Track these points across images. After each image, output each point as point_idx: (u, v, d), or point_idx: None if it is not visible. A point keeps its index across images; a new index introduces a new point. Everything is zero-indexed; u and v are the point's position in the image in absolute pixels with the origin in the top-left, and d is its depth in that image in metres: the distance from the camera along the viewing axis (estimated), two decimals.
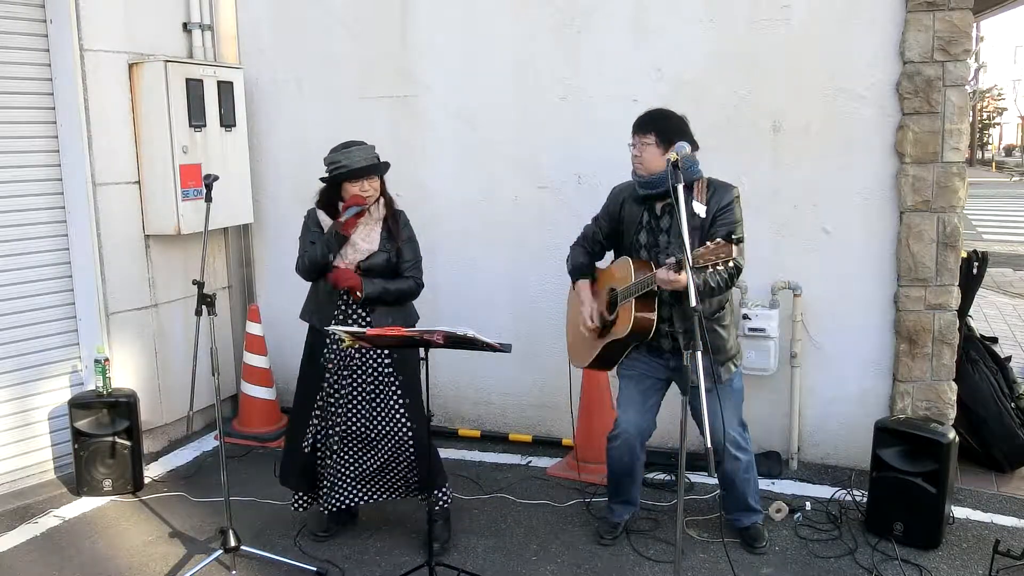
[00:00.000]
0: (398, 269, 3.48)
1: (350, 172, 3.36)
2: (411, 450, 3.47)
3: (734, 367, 3.40)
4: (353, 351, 3.43)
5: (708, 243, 2.80)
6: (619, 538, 3.63)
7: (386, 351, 3.44)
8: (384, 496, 3.59)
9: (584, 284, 3.51)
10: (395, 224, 3.49)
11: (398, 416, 3.45)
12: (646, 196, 3.33)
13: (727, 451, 3.35)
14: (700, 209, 3.22)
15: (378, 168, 3.42)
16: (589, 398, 4.28)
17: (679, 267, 2.94)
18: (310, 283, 3.55)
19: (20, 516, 3.98)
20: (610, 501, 3.69)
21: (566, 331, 3.77)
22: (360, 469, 3.51)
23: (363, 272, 3.41)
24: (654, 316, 3.24)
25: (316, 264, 3.41)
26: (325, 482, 3.50)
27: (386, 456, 3.48)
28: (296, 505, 3.67)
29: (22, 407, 4.28)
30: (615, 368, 3.55)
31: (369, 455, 3.49)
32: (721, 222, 3.22)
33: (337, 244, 3.38)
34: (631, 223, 3.39)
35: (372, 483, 3.56)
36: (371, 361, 3.45)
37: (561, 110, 4.53)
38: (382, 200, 3.47)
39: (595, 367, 3.56)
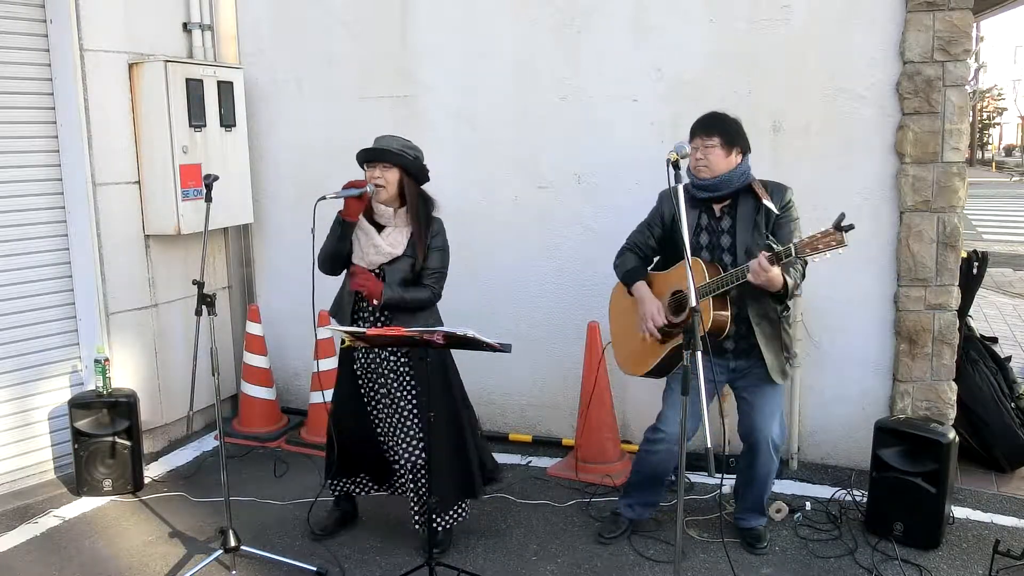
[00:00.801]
0: (420, 274, 3.35)
1: (360, 152, 3.32)
2: (420, 459, 3.41)
3: (791, 367, 3.42)
4: (377, 357, 3.42)
5: (817, 232, 2.84)
6: (619, 537, 3.63)
7: (404, 359, 3.41)
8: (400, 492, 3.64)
9: (643, 285, 3.44)
10: (425, 230, 3.34)
11: (409, 424, 3.44)
12: (706, 198, 3.31)
13: (765, 452, 3.35)
14: (772, 206, 3.26)
15: (384, 155, 3.28)
16: (589, 398, 4.28)
17: (777, 259, 2.95)
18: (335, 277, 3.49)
19: (20, 516, 3.98)
20: (630, 498, 3.65)
21: (612, 339, 3.66)
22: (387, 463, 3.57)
23: (384, 275, 3.34)
24: (729, 314, 3.23)
25: (326, 254, 3.38)
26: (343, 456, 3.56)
27: (402, 461, 3.48)
28: (333, 488, 3.70)
29: (22, 407, 4.28)
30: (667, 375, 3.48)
31: (394, 455, 3.53)
32: (785, 219, 3.27)
33: (341, 229, 3.31)
34: (688, 226, 3.31)
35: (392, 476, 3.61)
36: (393, 366, 3.43)
37: (561, 110, 4.53)
38: (407, 207, 3.34)
39: (652, 375, 3.47)
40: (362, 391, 3.54)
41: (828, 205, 4.14)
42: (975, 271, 4.33)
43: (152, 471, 4.48)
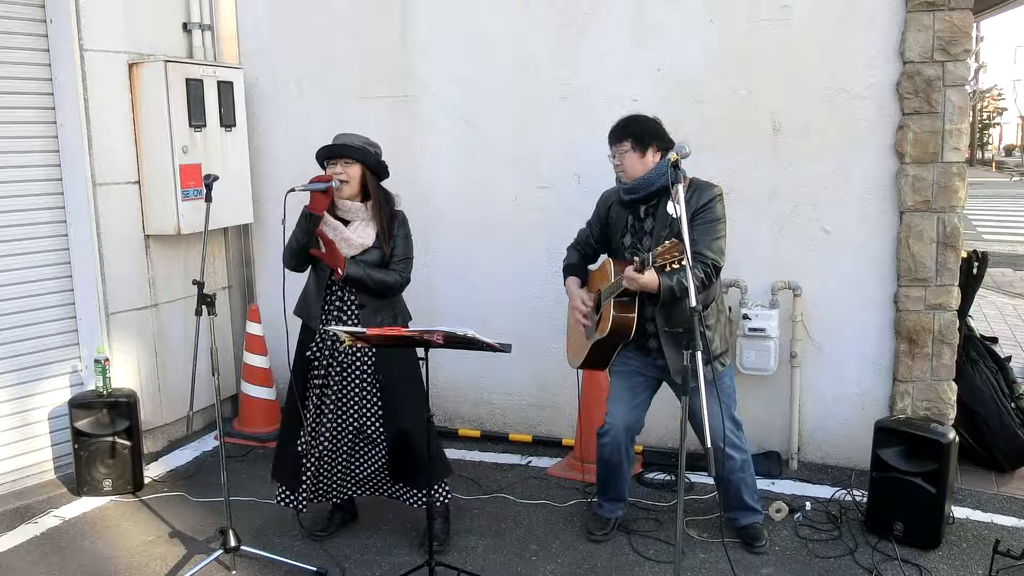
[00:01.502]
0: (387, 263, 3.44)
1: (319, 150, 3.41)
2: (383, 450, 3.45)
3: (721, 366, 3.40)
4: (341, 349, 3.42)
5: (664, 243, 2.80)
6: (610, 534, 3.64)
7: (371, 351, 3.43)
8: (373, 492, 3.59)
9: (573, 280, 3.61)
10: (391, 222, 3.45)
11: (372, 417, 3.45)
12: (630, 200, 3.38)
13: (720, 452, 3.33)
14: (673, 209, 3.18)
15: (341, 150, 3.37)
16: (589, 398, 4.28)
17: (642, 266, 2.98)
18: (299, 274, 3.50)
19: (20, 516, 3.98)
20: (600, 497, 3.70)
21: (566, 333, 3.78)
22: (347, 466, 3.52)
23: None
24: (634, 316, 3.27)
25: (292, 250, 3.40)
26: (308, 475, 3.48)
27: (365, 454, 3.49)
28: (281, 500, 3.63)
29: (22, 407, 4.28)
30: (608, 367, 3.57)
31: (356, 452, 3.50)
32: (700, 220, 3.22)
33: (308, 223, 3.33)
34: (617, 226, 3.46)
35: (361, 480, 3.56)
36: (356, 360, 3.45)
37: (561, 110, 4.53)
38: (371, 201, 3.41)
39: (589, 367, 3.58)
40: (315, 388, 3.49)
41: (828, 205, 4.16)
42: (975, 271, 4.33)
43: (152, 471, 4.48)
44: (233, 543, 3.35)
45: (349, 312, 3.43)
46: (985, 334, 4.81)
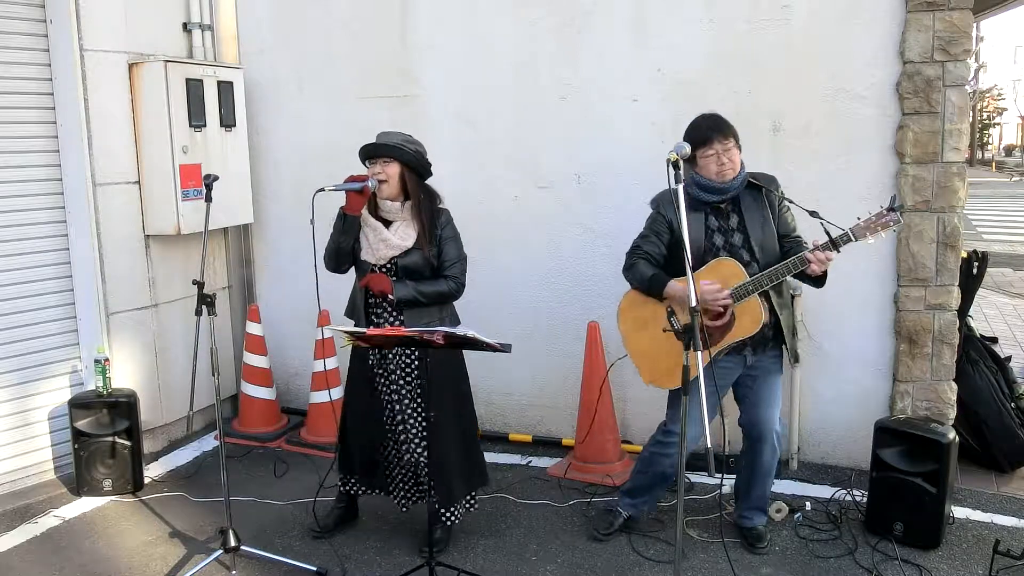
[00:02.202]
0: (438, 268, 3.39)
1: (361, 149, 3.34)
2: (423, 457, 3.43)
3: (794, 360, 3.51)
4: (388, 354, 3.42)
5: (871, 215, 2.97)
6: (613, 534, 3.64)
7: (415, 356, 3.42)
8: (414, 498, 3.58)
9: (676, 281, 3.26)
10: (433, 223, 3.36)
11: (412, 421, 3.45)
12: (713, 200, 3.28)
13: (770, 442, 3.35)
14: (775, 194, 3.33)
15: (383, 149, 3.30)
16: (589, 398, 4.28)
17: (835, 245, 3.07)
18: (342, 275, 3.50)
19: (20, 516, 3.98)
20: (633, 498, 3.65)
21: (635, 357, 3.45)
22: (402, 466, 3.54)
23: (398, 271, 3.35)
24: (767, 306, 3.25)
25: (330, 251, 3.40)
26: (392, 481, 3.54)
27: (405, 457, 3.50)
28: (345, 487, 3.66)
29: (22, 407, 4.28)
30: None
31: (394, 452, 3.52)
32: (784, 207, 3.36)
33: (343, 224, 3.31)
34: (695, 230, 3.26)
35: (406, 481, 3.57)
36: (403, 364, 3.44)
37: (561, 110, 4.53)
38: (412, 201, 3.36)
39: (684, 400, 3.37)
40: (376, 387, 3.52)
41: (828, 205, 4.14)
42: (975, 271, 4.33)
43: (152, 471, 4.47)
44: (233, 543, 3.35)
45: (393, 313, 3.41)
46: (985, 334, 4.81)
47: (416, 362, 3.43)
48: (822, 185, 4.13)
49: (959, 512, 3.81)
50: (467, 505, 3.58)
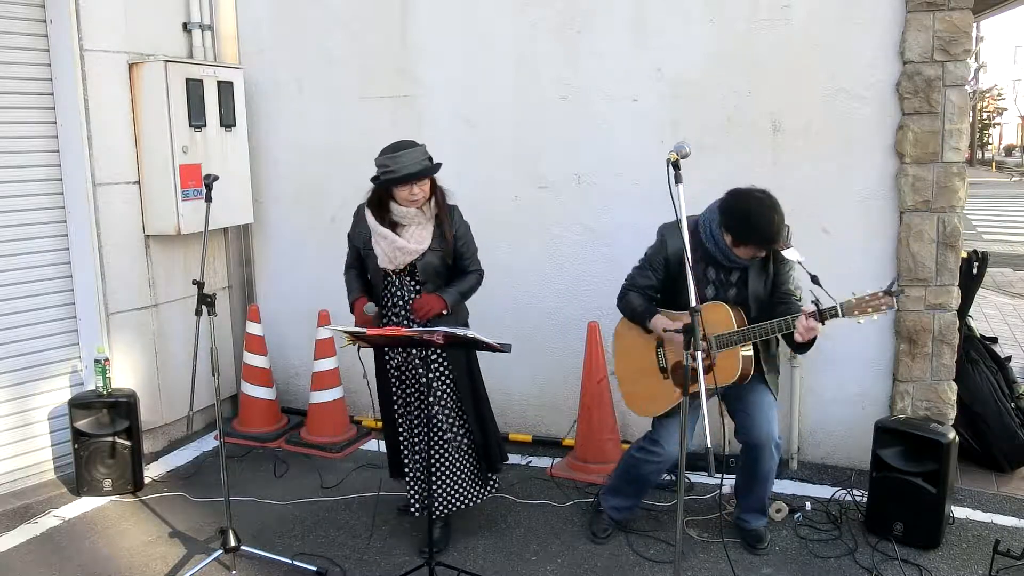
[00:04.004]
0: (455, 266, 3.45)
1: (398, 178, 3.23)
2: (465, 439, 3.54)
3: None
4: (413, 353, 3.44)
5: (866, 295, 2.95)
6: (612, 536, 3.64)
7: (441, 354, 3.46)
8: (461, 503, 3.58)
9: (662, 316, 3.30)
10: (449, 220, 3.40)
11: (451, 408, 3.50)
12: (722, 263, 3.25)
13: (768, 449, 3.36)
14: (794, 255, 3.19)
15: (428, 171, 3.31)
16: (589, 398, 4.28)
17: (822, 317, 2.99)
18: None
19: (20, 516, 3.98)
20: (615, 499, 3.68)
21: (620, 380, 3.56)
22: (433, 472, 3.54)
23: (416, 273, 3.39)
24: (753, 359, 3.24)
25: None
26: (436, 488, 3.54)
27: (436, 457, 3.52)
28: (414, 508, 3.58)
29: (22, 407, 4.28)
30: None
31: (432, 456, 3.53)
32: (785, 266, 3.28)
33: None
34: (694, 278, 3.22)
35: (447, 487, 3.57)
36: (426, 358, 3.45)
37: (561, 110, 4.53)
38: (434, 199, 3.39)
39: (672, 414, 3.35)
40: (393, 389, 3.55)
41: (828, 205, 4.16)
42: (975, 271, 4.33)
43: (152, 471, 4.47)
44: (233, 543, 3.35)
45: (407, 308, 3.43)
46: (985, 334, 4.81)
47: (438, 356, 3.48)
48: (822, 185, 4.13)
49: (959, 512, 3.81)
50: (493, 486, 3.71)
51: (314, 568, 3.37)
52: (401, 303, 3.43)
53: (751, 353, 3.24)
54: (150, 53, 4.53)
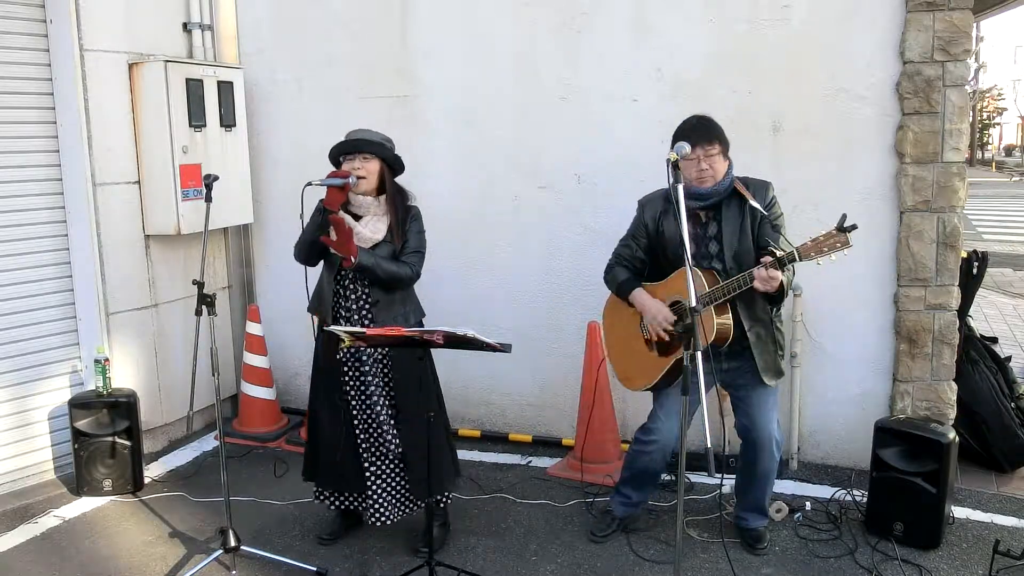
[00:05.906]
0: (399, 255, 3.42)
1: (338, 145, 3.39)
2: (398, 451, 3.45)
3: (791, 366, 3.45)
4: (363, 355, 3.41)
5: (819, 235, 2.90)
6: (611, 535, 3.64)
7: (384, 358, 3.42)
8: (407, 509, 3.54)
9: (641, 291, 3.34)
10: (404, 218, 3.42)
11: (384, 416, 3.44)
12: (694, 207, 3.22)
13: (768, 449, 3.35)
14: (758, 205, 3.21)
15: (361, 145, 3.37)
16: (589, 397, 4.28)
17: (780, 264, 2.96)
18: (310, 268, 3.47)
19: (20, 516, 3.98)
20: (621, 495, 3.67)
21: (608, 355, 3.63)
22: (378, 473, 3.50)
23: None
24: (731, 321, 3.21)
25: (304, 242, 3.39)
26: (369, 495, 3.49)
27: (387, 454, 3.48)
28: (320, 498, 3.64)
29: (22, 407, 4.28)
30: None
31: (383, 453, 3.50)
32: (769, 218, 3.24)
33: (321, 218, 3.31)
34: (673, 236, 3.26)
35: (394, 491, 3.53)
36: (373, 360, 3.44)
37: (561, 110, 4.53)
38: (391, 194, 3.42)
39: (659, 386, 3.39)
40: (346, 390, 3.49)
41: (828, 205, 4.15)
42: (975, 271, 4.33)
43: (152, 471, 4.47)
44: (233, 543, 3.35)
45: (363, 308, 3.41)
46: (985, 334, 4.81)
47: (390, 361, 3.43)
48: (822, 185, 4.13)
49: (959, 512, 3.81)
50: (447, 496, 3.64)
51: (314, 568, 3.36)
52: (354, 297, 3.40)
53: (729, 321, 3.20)
54: (150, 53, 4.53)
